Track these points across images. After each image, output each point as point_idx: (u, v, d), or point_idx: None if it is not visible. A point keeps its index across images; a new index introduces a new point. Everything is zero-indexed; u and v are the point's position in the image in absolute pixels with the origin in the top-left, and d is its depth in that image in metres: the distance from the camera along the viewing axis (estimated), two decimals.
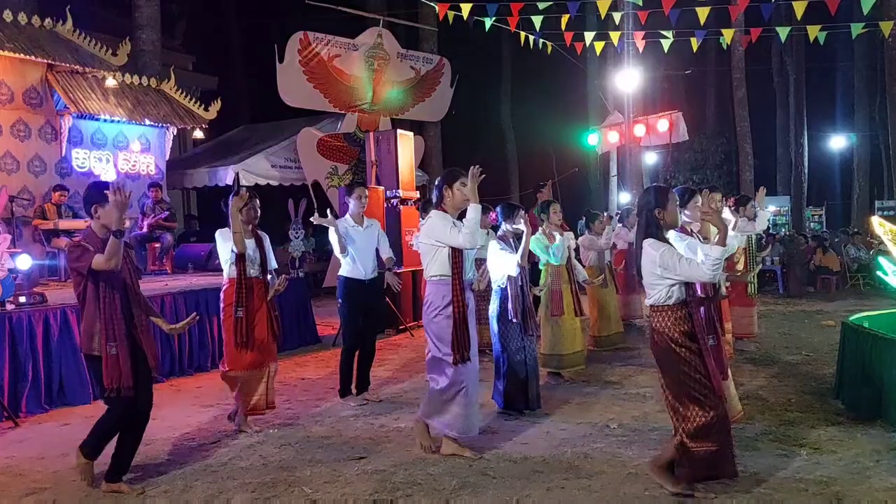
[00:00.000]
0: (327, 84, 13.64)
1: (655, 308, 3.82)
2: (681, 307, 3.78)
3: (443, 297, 4.46)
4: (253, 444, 4.96)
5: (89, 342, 4.03)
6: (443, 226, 4.43)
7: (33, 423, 5.73)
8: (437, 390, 4.54)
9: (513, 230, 5.63)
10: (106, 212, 4.01)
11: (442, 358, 4.48)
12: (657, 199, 3.87)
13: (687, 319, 3.76)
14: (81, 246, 3.96)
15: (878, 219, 5.73)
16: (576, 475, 4.21)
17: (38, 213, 9.46)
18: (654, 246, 3.75)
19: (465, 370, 4.47)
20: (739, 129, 16.56)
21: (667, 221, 3.89)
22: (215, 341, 7.78)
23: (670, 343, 3.74)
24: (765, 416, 5.27)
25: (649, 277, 3.80)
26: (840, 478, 4.06)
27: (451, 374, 4.46)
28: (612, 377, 6.82)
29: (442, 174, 4.75)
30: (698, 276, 3.66)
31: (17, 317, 5.90)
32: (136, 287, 4.20)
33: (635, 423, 5.20)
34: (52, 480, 4.38)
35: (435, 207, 4.64)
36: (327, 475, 4.31)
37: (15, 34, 9.94)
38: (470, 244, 4.41)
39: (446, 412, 4.52)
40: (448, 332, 4.43)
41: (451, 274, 4.46)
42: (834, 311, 10.97)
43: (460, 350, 4.42)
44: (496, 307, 5.56)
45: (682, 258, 3.69)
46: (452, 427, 4.53)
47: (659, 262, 3.69)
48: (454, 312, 4.42)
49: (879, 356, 5.05)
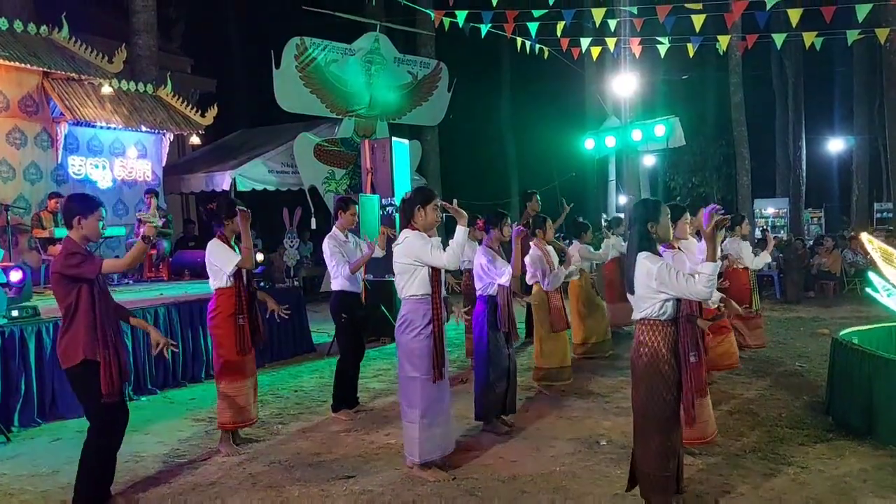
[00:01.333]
0: (324, 89, 13.64)
1: (646, 322, 3.80)
2: (671, 323, 3.77)
3: (423, 316, 4.46)
4: (242, 462, 4.97)
5: (83, 350, 3.97)
6: (422, 245, 4.43)
7: (25, 438, 5.74)
8: (416, 418, 4.48)
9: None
10: (88, 223, 4.03)
11: (419, 378, 4.46)
12: (650, 212, 3.87)
13: (674, 336, 3.76)
14: (79, 253, 3.96)
15: (867, 235, 5.73)
16: (563, 496, 4.21)
17: (34, 222, 9.48)
18: (650, 259, 3.73)
19: (443, 386, 4.53)
20: (737, 133, 16.55)
21: (659, 235, 3.89)
22: (209, 351, 7.79)
23: (656, 357, 3.73)
24: (754, 432, 5.28)
25: (643, 290, 3.76)
26: (825, 498, 4.07)
27: (429, 392, 4.46)
28: (602, 389, 6.84)
29: (414, 192, 4.73)
30: (694, 292, 3.64)
31: (9, 331, 5.91)
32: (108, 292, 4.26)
33: (625, 440, 5.20)
34: (42, 500, 4.38)
35: (405, 225, 4.61)
36: (315, 495, 4.32)
37: (11, 42, 9.96)
38: (454, 265, 4.44)
39: (421, 433, 4.47)
40: (428, 351, 4.43)
41: (431, 292, 4.47)
42: (831, 318, 10.97)
43: (439, 367, 4.45)
44: (485, 316, 5.53)
45: (680, 273, 3.66)
46: (423, 451, 4.49)
47: (655, 276, 3.67)
48: (433, 331, 4.44)
49: (868, 373, 5.06)
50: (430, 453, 4.52)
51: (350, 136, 14.13)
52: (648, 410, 3.76)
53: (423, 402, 4.47)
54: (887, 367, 4.96)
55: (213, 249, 5.19)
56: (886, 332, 6.11)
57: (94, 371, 3.99)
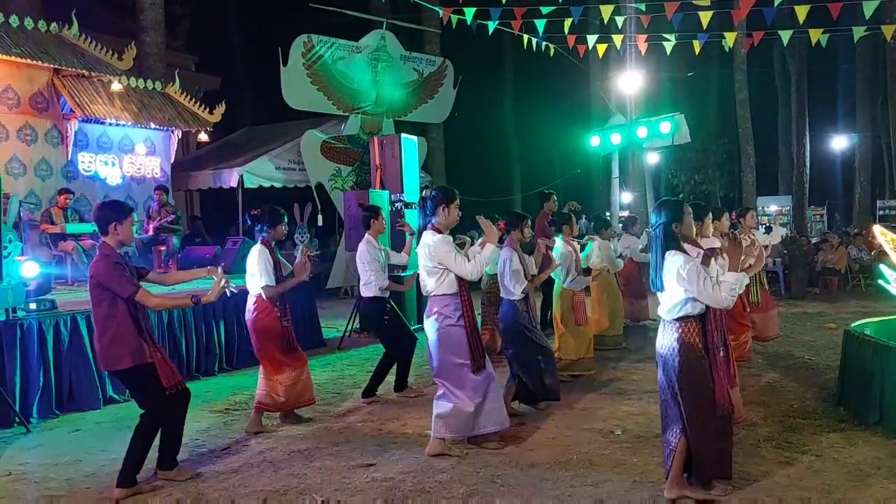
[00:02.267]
0: (331, 86, 13.68)
1: (679, 318, 3.88)
2: (698, 320, 3.89)
3: (454, 310, 4.66)
4: (263, 451, 5.03)
5: (131, 357, 4.14)
6: (447, 252, 4.61)
7: (44, 429, 5.80)
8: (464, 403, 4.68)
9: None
10: (123, 228, 4.20)
11: (463, 364, 4.66)
12: (674, 213, 3.98)
13: (702, 332, 3.88)
14: (122, 267, 4.13)
15: (879, 227, 5.79)
16: (582, 482, 4.27)
17: (44, 217, 9.54)
18: (680, 258, 3.84)
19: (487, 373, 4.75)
20: (741, 130, 16.61)
21: (683, 234, 4.01)
22: (222, 346, 7.88)
23: (691, 351, 3.84)
24: (767, 422, 5.34)
25: (673, 288, 3.87)
26: (842, 485, 4.12)
27: (474, 381, 4.68)
28: (618, 380, 6.92)
29: (439, 191, 4.87)
30: (717, 300, 3.75)
31: (28, 323, 5.97)
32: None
33: (640, 429, 5.27)
34: (67, 487, 4.45)
35: (425, 222, 4.79)
36: (337, 482, 4.38)
37: (21, 39, 10.02)
38: (476, 278, 4.67)
39: (474, 416, 4.70)
40: (465, 339, 4.64)
41: (459, 289, 4.70)
42: (836, 313, 11.03)
43: (479, 357, 4.67)
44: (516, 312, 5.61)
45: (707, 279, 3.76)
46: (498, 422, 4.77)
47: (685, 275, 3.77)
48: (466, 323, 4.65)
49: (880, 364, 5.11)
50: (481, 428, 4.74)
51: (356, 134, 14.17)
52: (697, 399, 3.85)
53: (469, 384, 4.67)
54: None
55: (255, 258, 5.41)
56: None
57: (145, 371, 4.19)
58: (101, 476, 4.61)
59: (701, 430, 3.85)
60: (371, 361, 8.06)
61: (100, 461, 4.89)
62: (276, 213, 5.55)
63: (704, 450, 3.87)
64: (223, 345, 7.89)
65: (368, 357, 8.34)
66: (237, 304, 8.10)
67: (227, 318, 7.97)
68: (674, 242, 3.92)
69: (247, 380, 7.33)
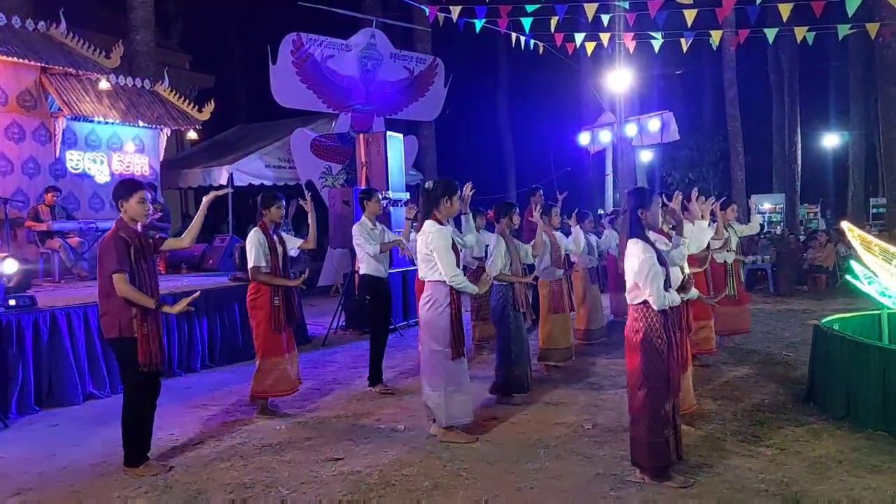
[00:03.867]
0: (321, 85, 13.73)
1: (640, 303, 4.05)
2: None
3: (445, 295, 4.85)
4: (235, 445, 5.08)
5: (121, 326, 4.32)
6: (441, 247, 4.80)
7: (23, 424, 5.84)
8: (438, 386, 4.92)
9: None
10: (130, 205, 4.41)
11: (441, 351, 4.85)
12: (641, 200, 4.14)
13: (661, 315, 4.00)
14: (116, 245, 4.29)
15: (847, 224, 5.83)
16: (545, 475, 4.32)
17: (31, 215, 9.59)
18: (637, 247, 4.00)
19: (461, 363, 4.94)
20: (731, 128, 16.64)
21: (648, 221, 4.15)
22: (204, 342, 7.92)
23: (650, 332, 4.00)
24: (736, 417, 5.39)
25: (632, 275, 4.03)
26: (801, 478, 4.17)
27: (450, 365, 4.87)
28: (595, 374, 6.97)
29: (440, 183, 5.05)
30: (654, 298, 3.96)
31: (6, 320, 6.01)
32: (155, 275, 4.60)
33: (610, 423, 5.32)
34: (38, 481, 4.49)
35: (427, 215, 4.94)
36: (304, 476, 4.43)
37: (9, 37, 10.07)
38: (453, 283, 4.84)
39: (446, 405, 4.91)
40: (448, 328, 4.83)
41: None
42: (821, 310, 11.02)
43: (458, 345, 4.86)
44: (504, 298, 5.80)
45: (656, 275, 3.94)
46: (450, 416, 4.93)
47: (636, 265, 3.98)
48: (451, 311, 4.83)
49: (847, 358, 5.17)
50: (455, 418, 4.95)
51: (347, 132, 14.22)
52: (642, 381, 4.03)
53: (445, 374, 4.87)
54: (866, 352, 5.06)
55: (248, 239, 5.70)
56: (867, 319, 6.22)
57: (127, 345, 4.35)
58: (74, 470, 4.66)
59: (639, 413, 4.05)
60: (354, 358, 8.15)
61: (74, 455, 4.95)
62: (270, 196, 5.79)
63: (639, 434, 4.06)
64: (206, 341, 7.94)
65: (352, 354, 8.40)
66: (220, 301, 8.18)
67: (210, 315, 8.02)
68: (638, 229, 4.04)
69: (228, 376, 7.40)
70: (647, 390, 4.01)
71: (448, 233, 4.88)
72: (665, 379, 4.00)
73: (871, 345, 5.16)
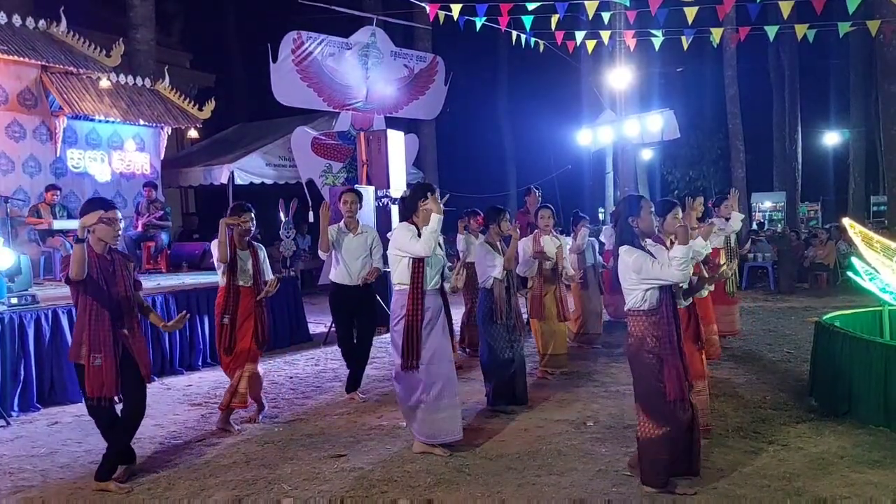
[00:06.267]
0: (321, 83, 13.69)
1: (631, 312, 3.99)
2: (654, 313, 3.93)
3: (401, 307, 4.64)
4: (237, 443, 5.08)
5: (77, 351, 4.14)
6: (404, 236, 4.61)
7: (24, 422, 5.85)
8: (402, 400, 4.76)
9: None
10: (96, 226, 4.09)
11: (398, 364, 4.66)
12: (631, 207, 4.06)
13: (658, 325, 3.91)
14: (67, 257, 4.07)
15: (848, 220, 5.83)
16: (547, 472, 4.33)
17: (32, 213, 9.59)
18: (628, 252, 3.94)
19: (434, 373, 4.62)
20: (731, 126, 16.61)
21: (641, 229, 4.04)
22: (206, 340, 7.92)
23: (641, 348, 3.93)
24: (738, 414, 5.39)
25: (626, 282, 3.99)
26: (803, 473, 4.18)
27: (409, 380, 4.65)
28: (595, 374, 6.97)
29: (416, 187, 4.86)
30: (668, 276, 3.84)
31: (8, 317, 6.02)
32: (129, 296, 4.26)
33: (611, 421, 5.32)
34: (40, 478, 4.50)
35: (405, 218, 4.77)
36: (306, 473, 4.43)
37: (9, 36, 10.05)
38: (426, 252, 4.54)
39: (414, 419, 4.70)
40: (400, 339, 4.61)
41: (410, 283, 4.62)
42: (822, 307, 11.02)
43: (409, 357, 4.58)
44: (482, 309, 5.72)
45: (655, 262, 3.88)
46: (420, 432, 4.70)
47: (633, 268, 3.89)
48: (406, 321, 4.58)
49: (849, 355, 5.17)
50: (432, 437, 4.65)
51: (347, 130, 14.20)
52: (640, 396, 3.97)
53: (408, 387, 4.66)
54: (867, 349, 5.07)
55: (211, 246, 5.43)
56: (868, 315, 6.22)
57: (79, 371, 4.13)
58: (75, 467, 4.67)
59: (641, 426, 3.95)
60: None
61: (75, 453, 4.95)
62: (237, 206, 5.48)
63: (640, 446, 3.96)
64: (207, 339, 7.94)
65: None
66: None
67: (211, 314, 7.99)
68: (628, 236, 3.99)
69: None
70: (642, 406, 3.95)
71: (413, 227, 4.63)
72: (660, 394, 3.83)
73: (873, 341, 5.17)
